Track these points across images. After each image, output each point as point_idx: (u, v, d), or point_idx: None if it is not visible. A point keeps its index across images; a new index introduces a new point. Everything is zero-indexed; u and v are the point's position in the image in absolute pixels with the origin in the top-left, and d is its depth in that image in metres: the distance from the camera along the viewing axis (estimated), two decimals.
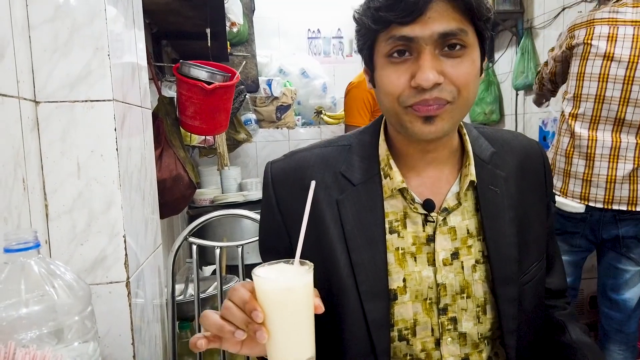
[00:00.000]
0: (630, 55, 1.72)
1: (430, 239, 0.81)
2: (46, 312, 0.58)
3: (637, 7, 1.74)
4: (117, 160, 0.92)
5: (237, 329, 0.61)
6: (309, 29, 3.97)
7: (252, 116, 3.47)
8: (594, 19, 1.81)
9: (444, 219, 0.81)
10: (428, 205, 0.81)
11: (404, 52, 0.72)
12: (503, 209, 0.82)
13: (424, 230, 0.81)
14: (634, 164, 1.75)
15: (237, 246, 1.36)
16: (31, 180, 0.84)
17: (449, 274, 0.81)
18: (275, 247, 0.86)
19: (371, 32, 0.74)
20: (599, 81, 1.78)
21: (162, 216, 1.34)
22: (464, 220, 0.82)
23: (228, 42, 2.51)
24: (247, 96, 3.12)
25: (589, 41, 1.79)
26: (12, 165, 0.78)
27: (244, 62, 2.93)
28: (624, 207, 1.77)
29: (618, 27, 1.75)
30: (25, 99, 0.84)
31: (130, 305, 0.94)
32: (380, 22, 0.71)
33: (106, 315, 0.92)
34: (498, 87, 3.80)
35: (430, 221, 0.81)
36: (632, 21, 1.74)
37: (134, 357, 0.95)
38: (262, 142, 3.64)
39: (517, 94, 3.48)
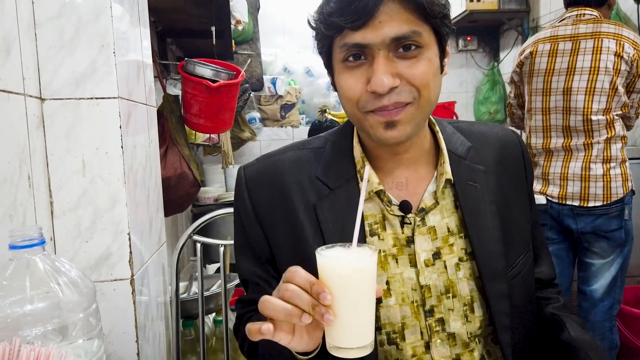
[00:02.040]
0: (567, 68, 1.94)
1: (410, 241, 0.80)
2: (51, 309, 0.58)
3: (576, 24, 1.96)
4: (122, 157, 0.92)
5: (304, 313, 0.58)
6: None
7: (256, 115, 3.47)
8: (537, 39, 2.05)
9: (422, 219, 0.80)
10: (404, 206, 0.80)
11: (359, 56, 0.71)
12: (484, 204, 0.81)
13: (402, 232, 0.80)
14: (583, 162, 1.92)
15: None
16: (36, 178, 0.85)
17: (432, 275, 0.80)
18: (253, 252, 0.84)
19: (326, 38, 0.74)
20: (543, 95, 2.01)
21: (166, 214, 1.34)
22: (443, 218, 0.81)
23: (233, 41, 2.51)
24: (251, 95, 3.12)
25: (534, 58, 2.03)
26: (18, 162, 0.78)
27: (249, 60, 2.92)
28: (576, 203, 1.95)
29: (558, 43, 1.98)
30: (30, 96, 0.84)
31: (134, 302, 0.94)
32: (333, 28, 0.71)
33: (110, 312, 0.92)
34: (503, 86, 3.79)
35: (407, 223, 0.80)
36: (570, 36, 1.96)
37: (137, 354, 0.95)
38: (267, 141, 3.64)
39: None
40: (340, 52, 0.73)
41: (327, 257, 0.60)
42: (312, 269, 0.77)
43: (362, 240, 0.78)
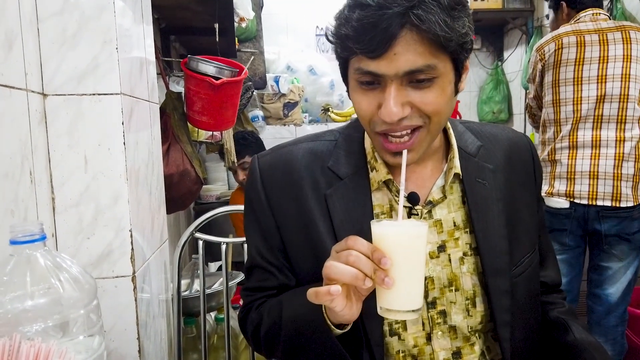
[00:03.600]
0: (600, 57, 1.88)
1: None
2: (51, 305, 0.58)
3: (595, 21, 1.95)
4: (124, 154, 0.91)
5: (366, 277, 0.62)
6: (317, 26, 3.95)
7: (259, 113, 3.47)
8: (559, 33, 1.99)
9: (429, 212, 0.82)
10: (412, 198, 0.81)
11: (372, 81, 0.71)
12: (492, 201, 0.82)
13: None
14: (614, 159, 1.86)
15: (243, 243, 1.36)
16: (38, 173, 0.84)
17: (436, 267, 0.81)
18: (265, 239, 0.86)
19: (342, 56, 0.74)
20: (574, 84, 1.93)
21: (168, 211, 1.34)
22: (450, 213, 0.82)
23: (236, 38, 2.51)
24: (254, 93, 3.11)
25: (559, 50, 1.95)
26: (20, 158, 0.78)
27: (252, 58, 2.92)
28: (608, 203, 1.87)
29: (584, 36, 1.93)
30: (33, 91, 0.84)
31: (136, 299, 0.94)
32: (348, 51, 0.71)
33: (112, 309, 0.92)
34: (507, 85, 3.77)
35: (415, 214, 0.81)
36: (595, 30, 1.93)
37: (139, 351, 0.95)
38: (269, 139, 3.62)
39: (526, 93, 3.45)
40: (355, 74, 0.73)
41: (386, 226, 0.64)
42: (322, 257, 0.77)
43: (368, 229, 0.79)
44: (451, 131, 0.85)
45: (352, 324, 0.73)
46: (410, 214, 0.81)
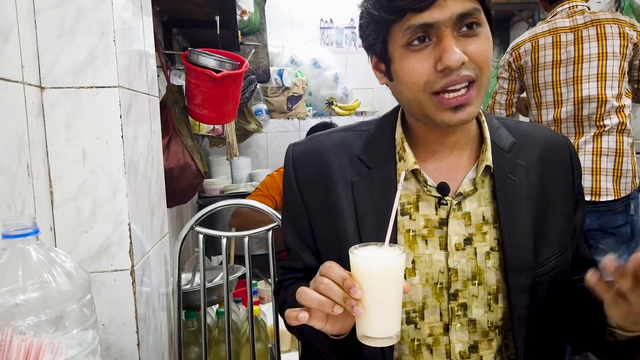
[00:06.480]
0: (575, 57, 1.92)
1: (443, 223, 0.81)
2: (44, 300, 0.58)
3: (572, 16, 1.96)
4: (123, 147, 0.91)
5: (336, 304, 0.64)
6: (321, 19, 3.93)
7: (262, 106, 3.46)
8: (536, 34, 2.01)
9: (459, 203, 0.81)
10: (442, 188, 0.81)
11: (423, 38, 0.72)
12: (521, 198, 0.82)
13: (436, 214, 0.82)
14: (592, 154, 1.89)
15: (244, 237, 1.35)
16: (36, 167, 0.84)
17: (461, 259, 0.81)
18: (295, 224, 0.90)
19: (384, 24, 0.74)
20: (553, 87, 1.98)
21: (169, 205, 1.33)
22: (480, 207, 0.82)
23: (239, 32, 2.49)
24: (258, 86, 3.10)
25: (536, 52, 1.99)
26: (16, 151, 0.78)
27: (253, 50, 2.90)
28: (587, 198, 1.88)
29: (560, 35, 1.95)
30: (30, 84, 0.83)
31: (134, 293, 0.94)
32: (395, 12, 0.71)
33: (111, 303, 0.92)
34: None
35: (444, 204, 0.81)
36: (570, 27, 1.94)
37: (138, 345, 0.95)
38: (273, 133, 3.63)
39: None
40: (404, 36, 0.73)
41: (358, 256, 0.65)
42: (343, 242, 0.80)
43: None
44: (485, 125, 0.85)
45: (348, 334, 0.72)
46: (439, 204, 0.81)
